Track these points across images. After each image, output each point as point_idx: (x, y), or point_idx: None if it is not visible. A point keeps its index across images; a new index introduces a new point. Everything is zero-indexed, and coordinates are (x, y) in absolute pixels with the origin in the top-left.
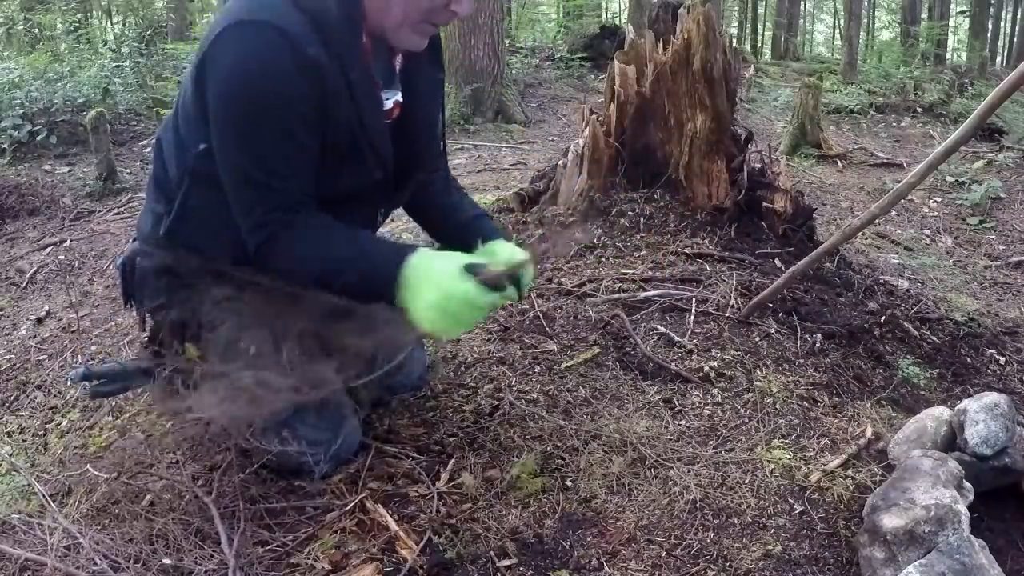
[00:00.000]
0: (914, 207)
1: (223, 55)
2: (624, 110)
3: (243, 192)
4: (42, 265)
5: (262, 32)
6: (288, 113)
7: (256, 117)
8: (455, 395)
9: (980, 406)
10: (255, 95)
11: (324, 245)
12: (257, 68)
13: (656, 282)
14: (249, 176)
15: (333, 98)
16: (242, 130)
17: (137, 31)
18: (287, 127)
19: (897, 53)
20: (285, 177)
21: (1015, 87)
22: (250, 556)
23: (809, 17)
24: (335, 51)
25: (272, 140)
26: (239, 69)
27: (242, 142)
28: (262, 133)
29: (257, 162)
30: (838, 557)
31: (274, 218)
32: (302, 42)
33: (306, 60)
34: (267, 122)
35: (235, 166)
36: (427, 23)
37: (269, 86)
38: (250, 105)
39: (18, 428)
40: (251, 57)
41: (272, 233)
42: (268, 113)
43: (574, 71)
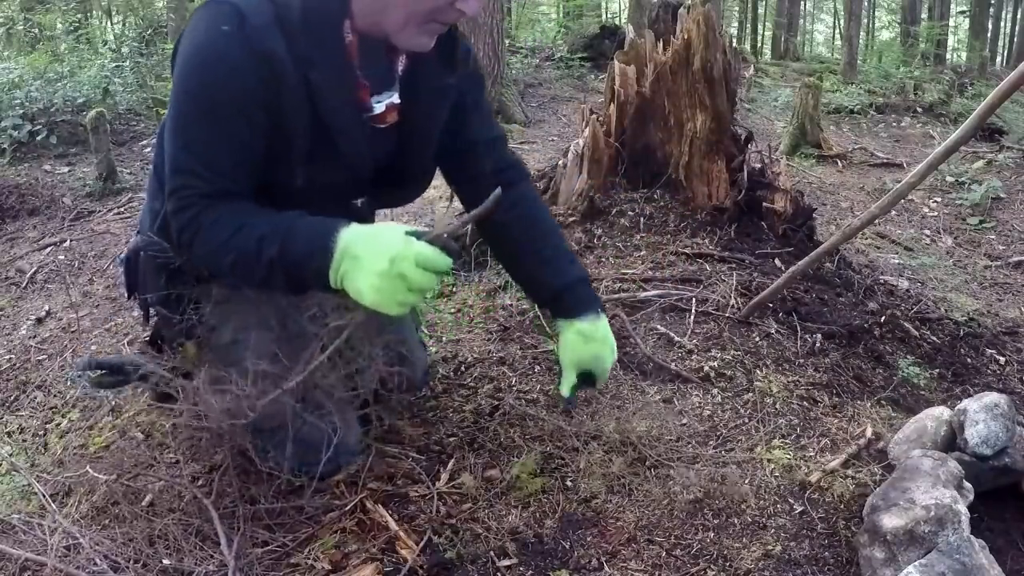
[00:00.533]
0: (914, 207)
1: (188, 33)
2: (624, 110)
3: (172, 175)
4: (42, 265)
5: (221, 14)
6: (230, 105)
7: (197, 102)
8: (455, 395)
9: (980, 406)
10: (202, 81)
11: (240, 225)
12: (208, 53)
13: (656, 282)
14: (177, 159)
15: (290, 96)
16: (184, 114)
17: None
18: (227, 118)
19: (897, 53)
20: (213, 166)
21: (1015, 87)
22: (250, 556)
23: (809, 17)
24: (298, 49)
25: (207, 128)
26: (194, 53)
27: (179, 126)
28: (198, 119)
29: (187, 147)
30: (838, 557)
31: (190, 204)
32: (260, 33)
33: (260, 51)
34: (207, 110)
35: (172, 148)
36: (434, 22)
37: (215, 74)
38: (196, 89)
39: (18, 428)
40: (204, 41)
41: (191, 217)
42: (210, 101)
43: (574, 71)
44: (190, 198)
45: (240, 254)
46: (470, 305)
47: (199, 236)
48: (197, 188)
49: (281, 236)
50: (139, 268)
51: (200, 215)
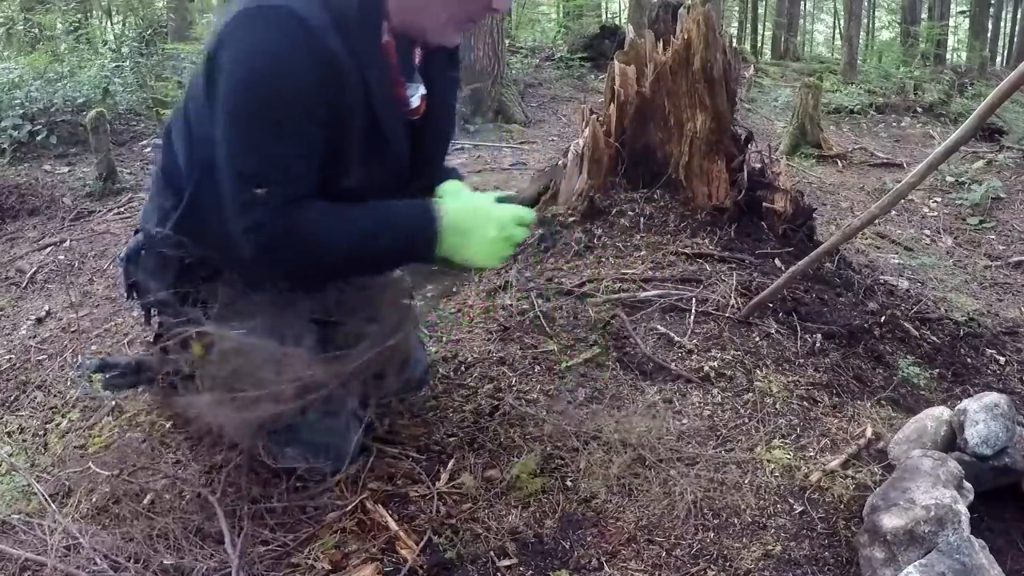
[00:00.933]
0: (914, 207)
1: (237, 40)
2: (624, 110)
3: (243, 189)
4: (42, 265)
5: (279, 18)
6: (298, 109)
7: (265, 109)
8: (455, 395)
9: (980, 406)
10: (267, 86)
11: (347, 220)
12: (271, 57)
13: (656, 282)
14: (252, 171)
15: (351, 94)
16: (248, 121)
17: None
18: (296, 123)
19: (897, 53)
20: (288, 175)
21: (1015, 87)
22: (251, 556)
23: (809, 17)
24: (353, 47)
25: (279, 136)
26: (252, 57)
27: (249, 135)
28: (269, 127)
29: (264, 158)
30: (838, 557)
31: (279, 215)
32: (320, 32)
33: (323, 51)
34: (276, 116)
35: (238, 160)
36: (469, 21)
37: (282, 77)
38: (260, 96)
39: (18, 428)
40: (265, 45)
41: (286, 225)
42: (278, 106)
43: (574, 71)
44: (277, 209)
45: (349, 249)
46: (470, 305)
47: (298, 241)
48: (277, 195)
49: (388, 226)
50: (140, 267)
51: (293, 219)
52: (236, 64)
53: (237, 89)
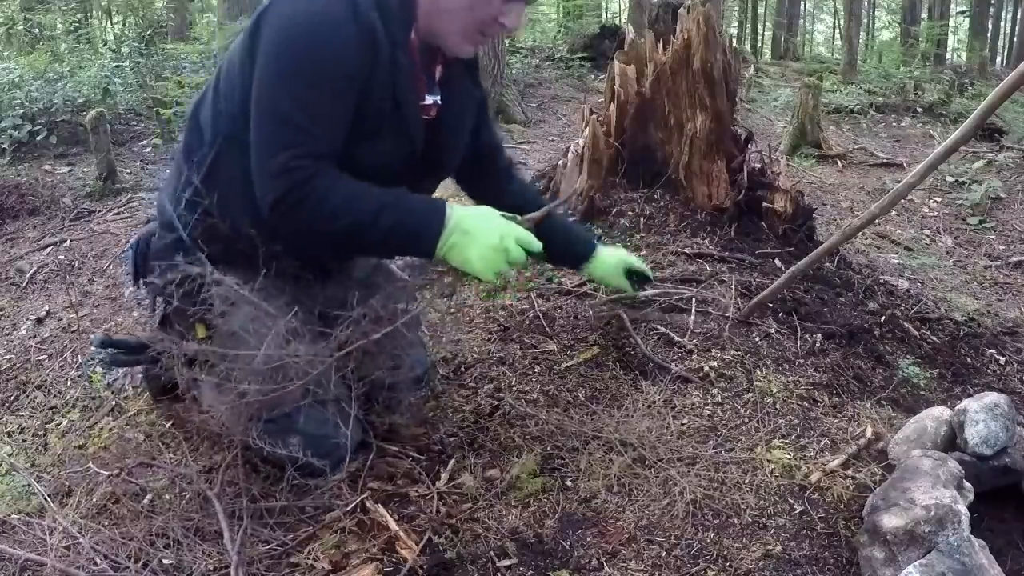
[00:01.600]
0: (914, 207)
1: (283, 7)
2: (624, 110)
3: (275, 134)
4: (42, 265)
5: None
6: (340, 69)
7: (309, 63)
8: (455, 395)
9: (980, 406)
10: (314, 42)
11: (359, 193)
12: (316, 19)
13: (656, 282)
14: (287, 117)
15: (381, 71)
16: (292, 72)
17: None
18: (335, 83)
19: (897, 53)
20: (322, 129)
21: (1015, 87)
22: (250, 555)
23: (809, 17)
24: (391, 32)
25: (319, 88)
26: (297, 19)
27: (289, 83)
28: (311, 79)
29: (299, 105)
30: (838, 557)
31: (302, 165)
32: (366, 9)
33: (365, 22)
34: (319, 72)
35: (273, 106)
36: (480, 33)
37: (328, 38)
38: (307, 51)
39: (18, 428)
40: (311, 9)
41: (298, 181)
42: (322, 62)
43: (574, 71)
44: (304, 158)
45: (356, 219)
46: (470, 305)
47: (313, 197)
48: (309, 147)
49: (399, 208)
50: (149, 253)
51: (315, 177)
52: (281, 27)
53: (284, 46)
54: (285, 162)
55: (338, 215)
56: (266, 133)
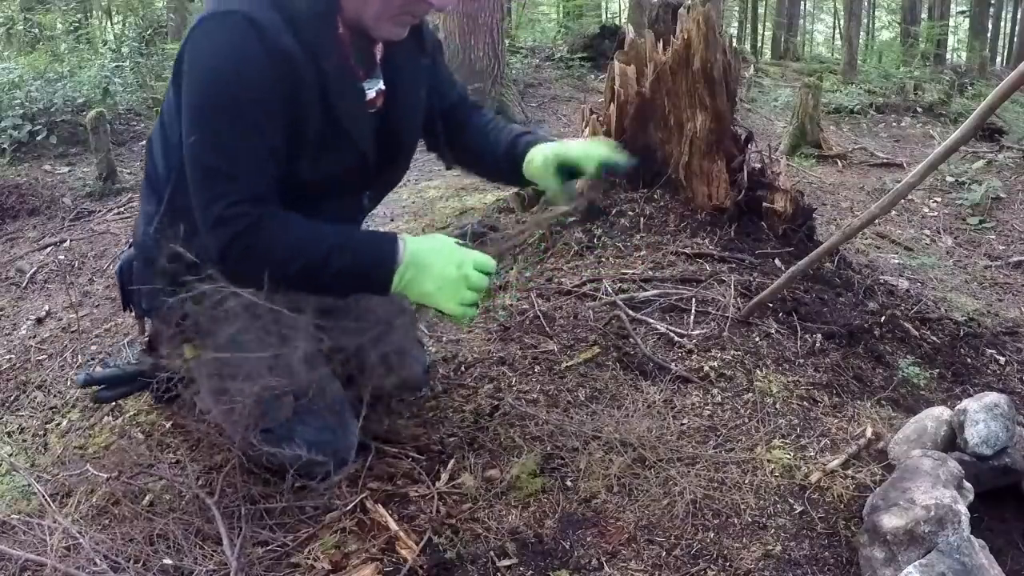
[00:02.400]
0: (914, 207)
1: (196, 47)
2: (624, 110)
3: (206, 185)
4: (42, 265)
5: (234, 23)
6: (257, 106)
7: (225, 107)
8: (455, 395)
9: (980, 406)
10: (225, 85)
11: (306, 237)
12: (228, 58)
13: (656, 282)
14: (211, 167)
15: (307, 89)
16: (209, 120)
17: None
18: (255, 120)
19: (897, 53)
20: (250, 171)
21: (1015, 87)
22: (250, 556)
23: (809, 17)
24: (307, 41)
25: (240, 131)
26: (210, 59)
27: (209, 132)
28: (230, 124)
29: (223, 153)
30: (838, 557)
31: (240, 213)
32: (273, 32)
33: (277, 50)
34: (235, 113)
35: (199, 157)
36: (406, 14)
37: (239, 76)
38: (219, 95)
39: (18, 428)
40: (222, 47)
41: (240, 231)
42: (237, 104)
43: (574, 71)
44: (240, 205)
45: (307, 263)
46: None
47: (258, 245)
48: (240, 193)
49: (350, 248)
50: (134, 276)
51: (259, 223)
52: (196, 66)
53: (197, 89)
54: (220, 213)
55: (288, 261)
56: (196, 184)
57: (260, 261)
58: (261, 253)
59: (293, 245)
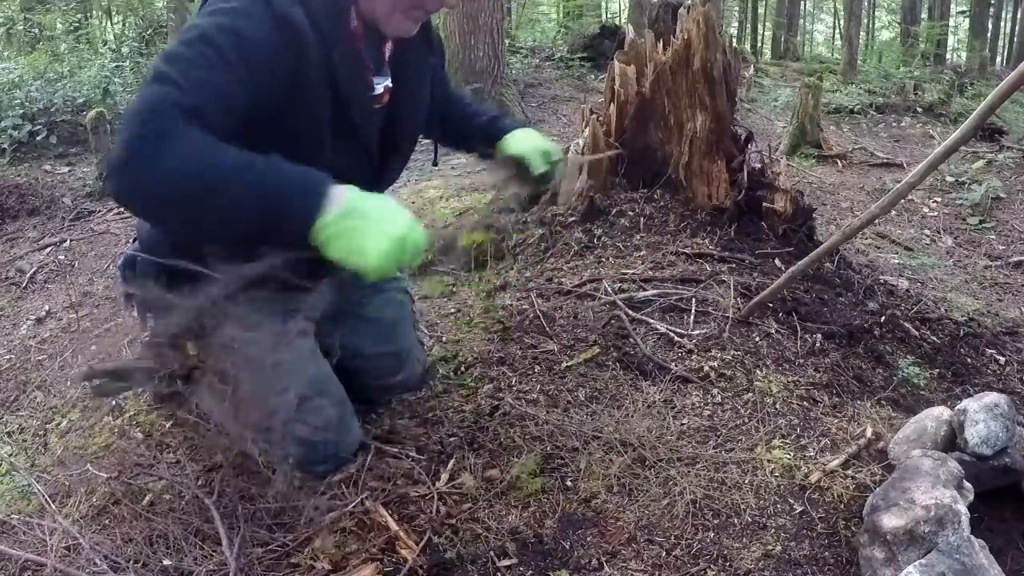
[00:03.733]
0: (914, 207)
1: (205, 9)
2: (624, 110)
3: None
4: (42, 265)
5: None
6: (242, 60)
7: (205, 37)
8: (455, 395)
9: (980, 406)
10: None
11: (217, 145)
12: (231, 14)
13: (656, 282)
14: (166, 75)
15: (312, 72)
16: (185, 41)
17: (137, 31)
18: (233, 66)
19: (897, 53)
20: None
21: (1015, 87)
22: (250, 556)
23: (809, 17)
24: (320, 28)
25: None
26: (214, 16)
27: (177, 49)
28: (201, 48)
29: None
30: (838, 557)
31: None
32: (287, 8)
33: (286, 20)
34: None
35: (156, 68)
36: (417, 8)
37: (236, 30)
38: (208, 38)
39: (18, 428)
40: (231, 7)
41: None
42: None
43: (574, 71)
44: (164, 103)
45: (210, 175)
46: (470, 305)
47: (165, 144)
48: (174, 97)
49: (264, 170)
50: (136, 273)
51: (172, 124)
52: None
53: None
54: (144, 106)
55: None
56: (140, 92)
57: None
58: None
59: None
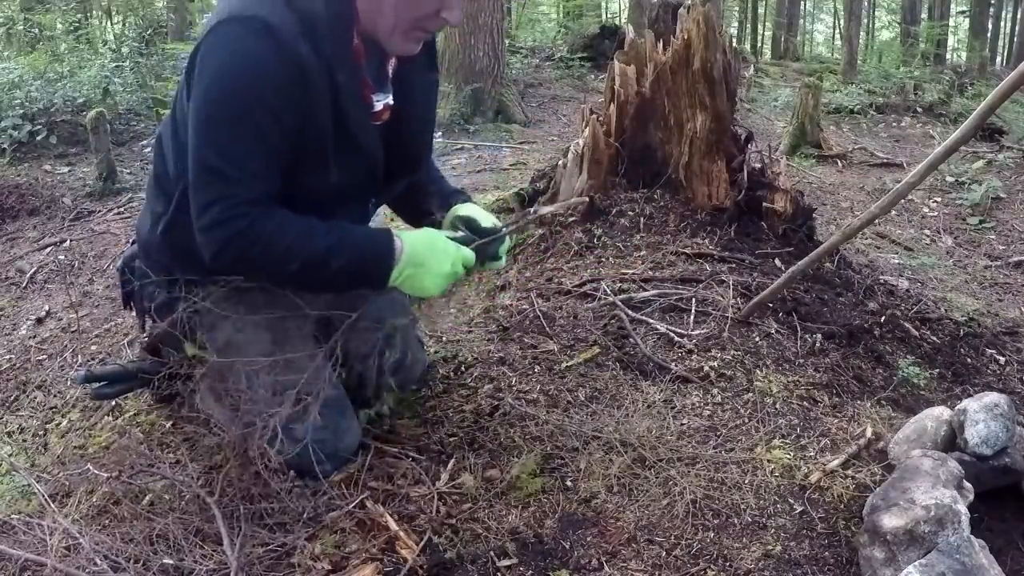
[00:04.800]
0: (914, 207)
1: (212, 50)
2: (624, 110)
3: (206, 187)
4: (42, 265)
5: (251, 28)
6: (266, 112)
7: (234, 111)
8: (455, 395)
9: (980, 406)
10: (236, 89)
11: (302, 236)
12: (242, 63)
13: (656, 282)
14: (213, 167)
15: (319, 99)
16: (217, 122)
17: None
18: (263, 125)
19: (897, 53)
20: (252, 175)
21: (1015, 87)
22: (250, 556)
23: (809, 17)
24: (323, 52)
25: (246, 136)
26: (225, 64)
27: (215, 134)
28: (238, 127)
29: (226, 156)
30: (838, 557)
31: (237, 214)
32: (290, 40)
33: (293, 59)
34: (244, 117)
35: (199, 156)
36: (419, 29)
37: (252, 82)
38: (230, 99)
39: (18, 428)
40: (238, 52)
41: (234, 233)
42: (246, 109)
43: (574, 71)
44: (237, 207)
45: (305, 263)
46: (470, 305)
47: (258, 244)
48: (240, 196)
49: (347, 247)
50: (134, 276)
51: (256, 224)
52: (210, 69)
53: (209, 91)
54: (217, 216)
55: (285, 262)
56: (195, 185)
57: (257, 263)
58: (258, 255)
59: (289, 246)
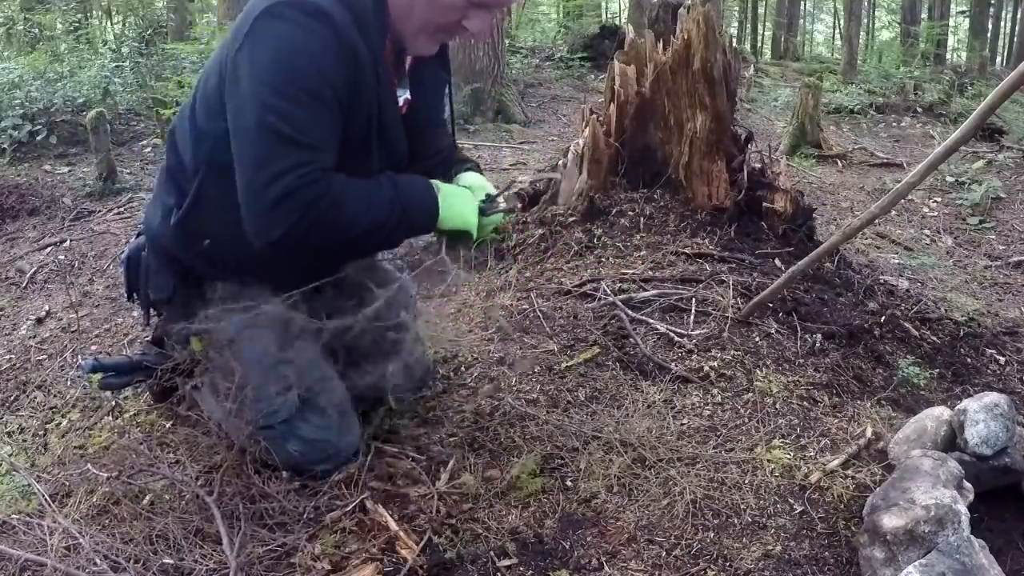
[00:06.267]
0: (914, 207)
1: (268, 29)
2: (624, 110)
3: (274, 157)
4: (42, 265)
5: (307, 11)
6: (330, 89)
7: (302, 82)
8: (455, 395)
9: (980, 406)
10: (302, 63)
11: (370, 193)
12: (304, 37)
13: (656, 282)
14: (286, 137)
15: (366, 87)
16: (284, 93)
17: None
18: (328, 100)
19: (897, 53)
20: (325, 143)
21: (1015, 87)
22: (250, 556)
23: (809, 17)
24: (371, 46)
25: (315, 106)
26: (287, 38)
27: (282, 104)
28: (307, 97)
29: (297, 124)
30: (838, 557)
31: (314, 179)
32: (344, 27)
33: (347, 42)
34: (312, 89)
35: (268, 127)
36: (442, 33)
37: (316, 56)
38: (296, 70)
39: (18, 428)
40: (298, 32)
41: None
42: (314, 81)
43: (574, 71)
44: (312, 174)
45: (375, 217)
46: (470, 305)
47: (335, 207)
48: (318, 163)
49: (404, 198)
50: (140, 268)
51: (332, 188)
52: (270, 42)
53: (271, 62)
54: (291, 183)
55: (361, 217)
56: (258, 159)
57: (330, 227)
58: (331, 221)
59: (359, 209)
